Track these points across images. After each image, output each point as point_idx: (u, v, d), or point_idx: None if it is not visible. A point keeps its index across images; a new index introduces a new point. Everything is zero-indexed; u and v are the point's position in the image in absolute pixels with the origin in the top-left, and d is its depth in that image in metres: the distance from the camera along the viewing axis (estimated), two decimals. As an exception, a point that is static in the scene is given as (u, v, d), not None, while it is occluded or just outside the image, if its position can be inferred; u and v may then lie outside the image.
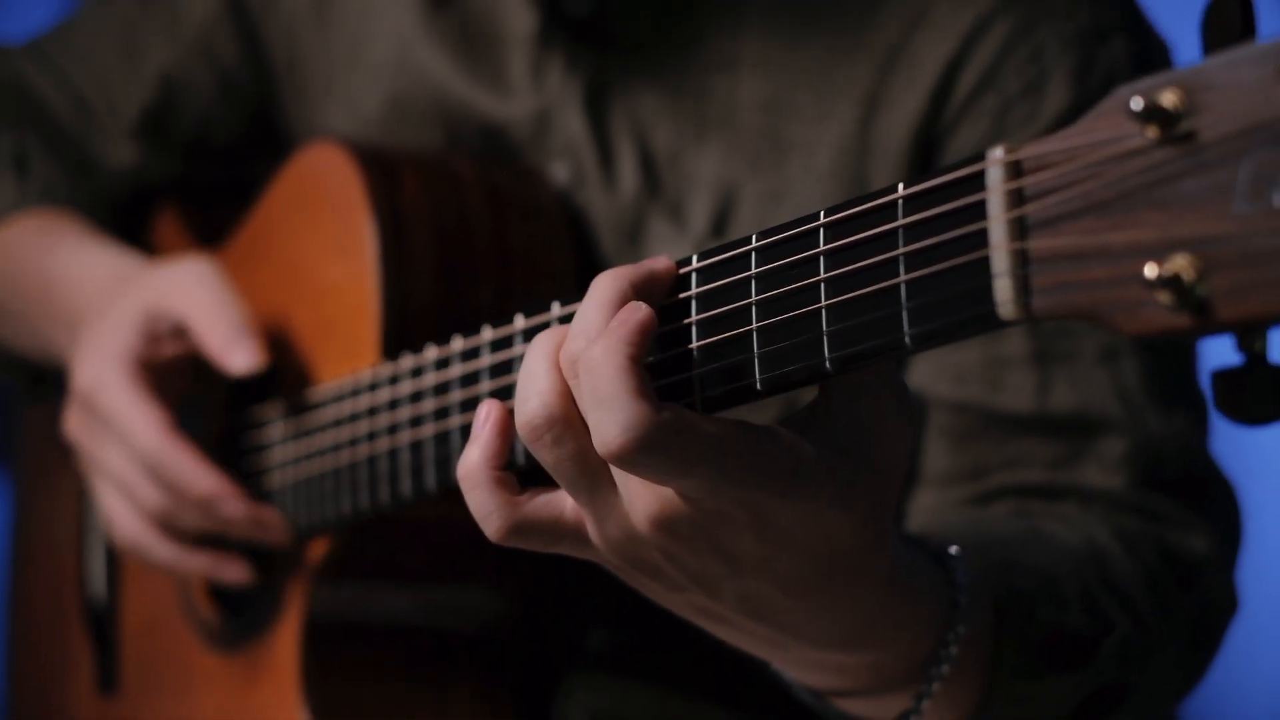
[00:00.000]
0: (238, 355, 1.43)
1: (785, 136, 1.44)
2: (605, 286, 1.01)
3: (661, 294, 1.05)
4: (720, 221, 1.45)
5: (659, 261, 1.05)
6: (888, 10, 1.43)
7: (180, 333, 1.49)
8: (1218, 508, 1.40)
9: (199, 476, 1.43)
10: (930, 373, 1.40)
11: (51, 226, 1.67)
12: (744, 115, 1.45)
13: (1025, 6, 1.40)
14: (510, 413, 1.05)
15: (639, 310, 0.99)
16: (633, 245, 1.48)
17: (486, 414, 1.05)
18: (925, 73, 1.41)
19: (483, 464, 1.04)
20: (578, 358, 0.98)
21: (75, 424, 1.51)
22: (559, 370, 1.01)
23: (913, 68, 1.41)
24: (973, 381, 1.39)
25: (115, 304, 1.51)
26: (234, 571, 1.49)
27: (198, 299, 1.46)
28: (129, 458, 1.46)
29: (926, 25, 1.41)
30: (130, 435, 1.45)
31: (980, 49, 1.40)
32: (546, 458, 1.01)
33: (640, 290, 1.02)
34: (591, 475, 1.01)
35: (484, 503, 1.04)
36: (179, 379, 1.51)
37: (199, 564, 1.49)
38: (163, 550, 1.48)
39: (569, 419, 1.00)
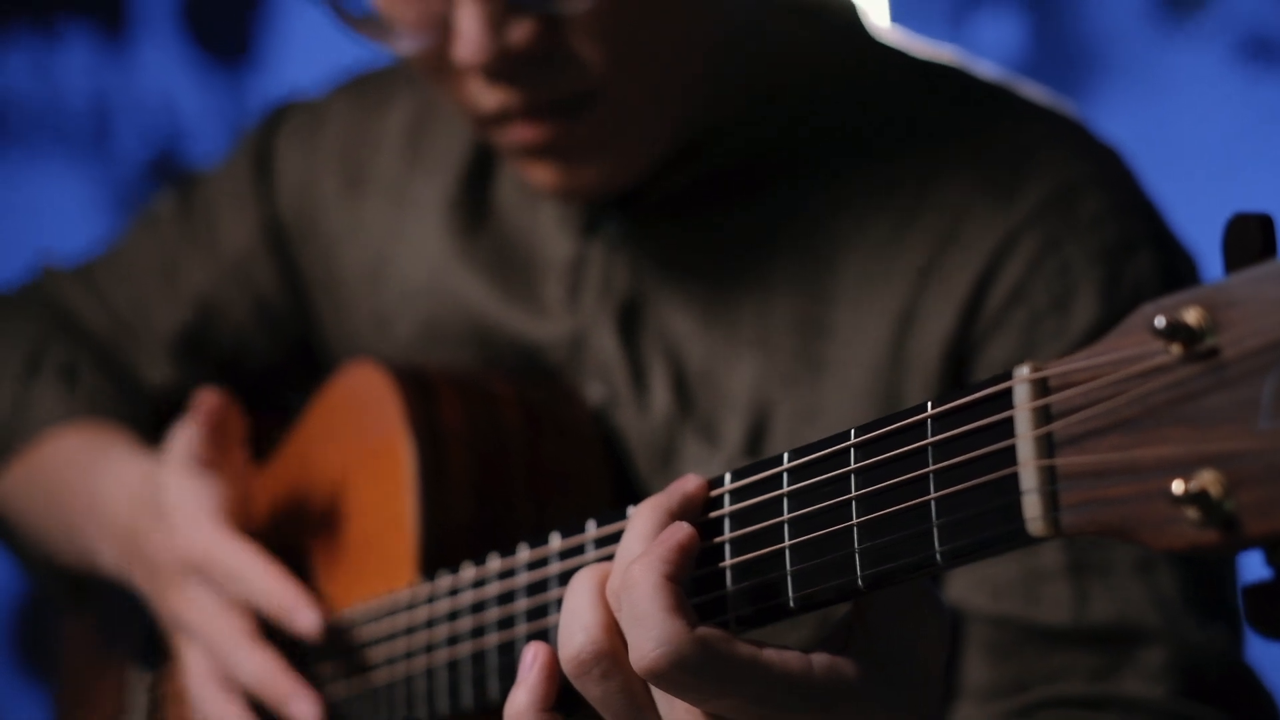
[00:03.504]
0: (303, 620, 1.44)
1: (819, 356, 1.45)
2: (644, 518, 1.03)
3: (695, 514, 1.06)
4: (754, 440, 1.46)
5: (689, 481, 1.07)
6: (919, 230, 1.45)
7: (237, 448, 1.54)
8: (1258, 716, 1.39)
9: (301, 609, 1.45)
10: (968, 586, 1.40)
11: (96, 440, 1.68)
12: (777, 335, 1.46)
13: (1053, 221, 1.42)
14: (555, 654, 1.05)
15: (680, 530, 1.00)
16: (666, 464, 1.49)
17: (533, 656, 1.06)
18: (956, 289, 1.42)
19: (531, 707, 1.05)
20: (620, 585, 0.99)
21: (174, 599, 1.51)
22: (603, 603, 1.02)
23: (944, 285, 1.42)
24: (1010, 595, 1.38)
25: (170, 497, 1.54)
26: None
27: (255, 575, 1.48)
28: (238, 613, 1.47)
29: (956, 243, 1.43)
30: (240, 577, 1.46)
31: (1009, 264, 1.41)
32: (594, 692, 1.02)
33: (677, 515, 1.04)
34: (638, 708, 1.02)
35: None
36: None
37: None
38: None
39: (615, 652, 1.01)
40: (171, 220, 1.80)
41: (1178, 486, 0.79)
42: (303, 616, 1.43)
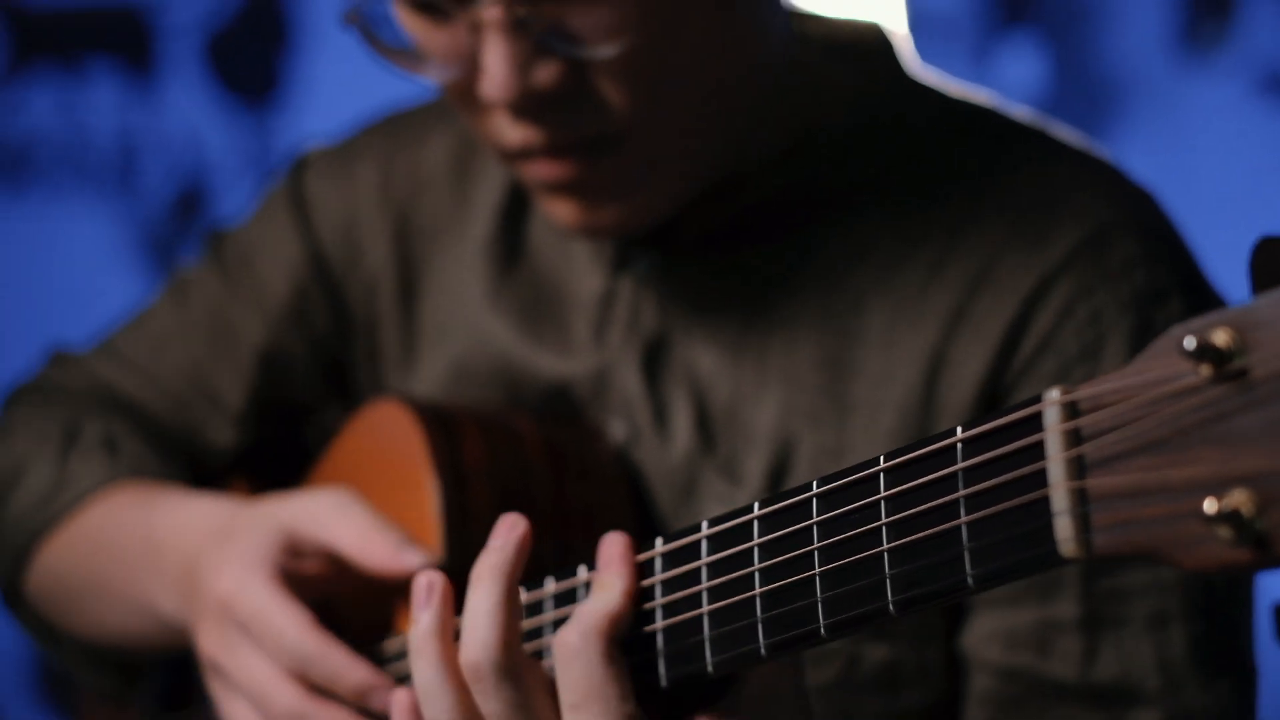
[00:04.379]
0: (409, 556, 1.40)
1: (847, 396, 1.45)
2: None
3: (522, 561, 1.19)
4: (776, 478, 1.46)
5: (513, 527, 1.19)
6: (950, 272, 1.44)
7: (324, 555, 1.45)
8: None
9: (352, 667, 1.38)
10: (982, 638, 1.40)
11: (145, 491, 1.64)
12: (804, 373, 1.46)
13: (1085, 269, 1.41)
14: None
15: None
16: (688, 502, 1.49)
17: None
18: (988, 334, 1.42)
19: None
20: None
21: (211, 640, 1.45)
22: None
23: (976, 329, 1.42)
24: (1024, 648, 1.38)
25: (243, 527, 1.46)
26: None
27: (345, 527, 1.43)
28: (269, 660, 1.41)
29: (989, 287, 1.42)
30: (274, 633, 1.40)
31: (1041, 311, 1.41)
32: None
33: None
34: None
35: None
36: (313, 593, 1.45)
37: None
38: None
39: None
40: (208, 282, 1.75)
41: (1209, 506, 0.80)
42: (409, 555, 1.40)
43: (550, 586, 1.24)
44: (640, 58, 1.37)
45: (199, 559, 1.49)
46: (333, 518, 1.43)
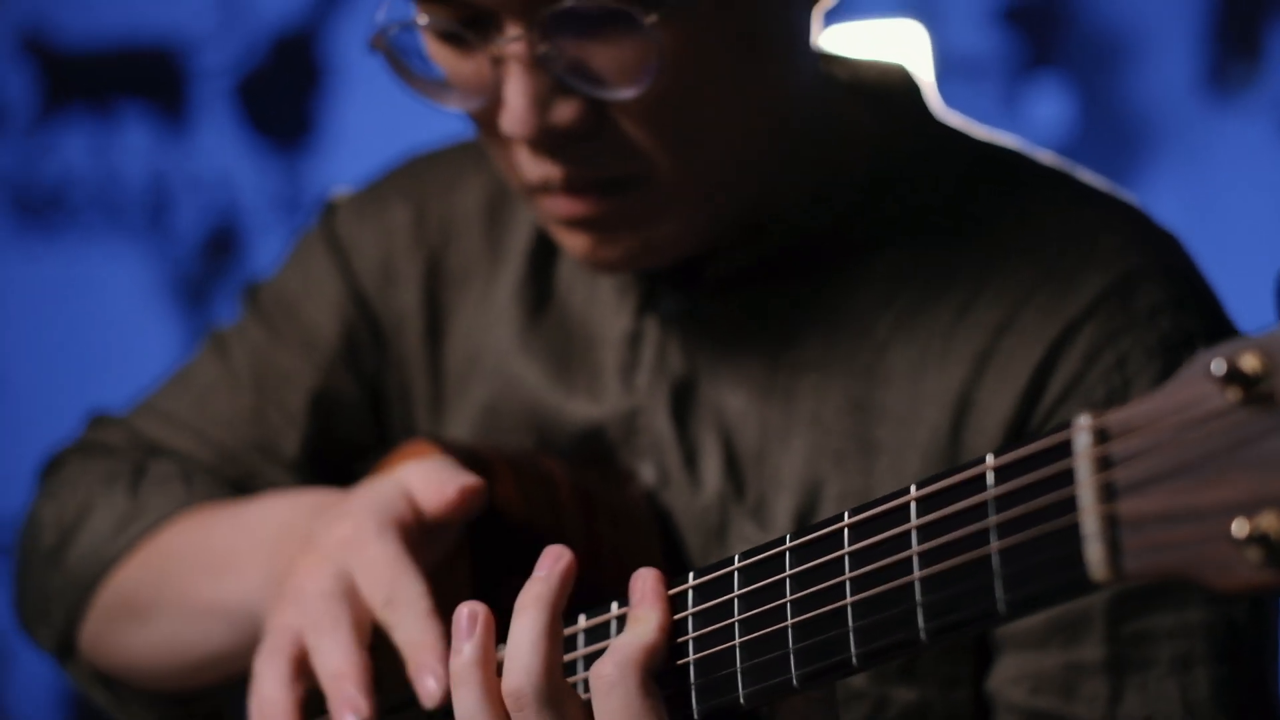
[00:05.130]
0: (454, 483, 1.38)
1: (874, 439, 1.45)
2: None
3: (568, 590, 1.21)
4: (804, 520, 1.45)
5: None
6: (977, 315, 1.44)
7: (435, 527, 1.41)
8: None
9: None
10: (1007, 680, 1.40)
11: (226, 503, 1.61)
12: (831, 415, 1.46)
13: (1111, 314, 1.41)
14: None
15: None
16: (717, 545, 1.49)
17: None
18: (1015, 379, 1.41)
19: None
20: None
21: (310, 571, 1.39)
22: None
23: (1002, 373, 1.42)
24: (1049, 691, 1.38)
25: (361, 490, 1.43)
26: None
27: (418, 474, 1.41)
28: (356, 626, 1.36)
29: (1015, 331, 1.42)
30: (399, 587, 1.34)
31: (1067, 356, 1.41)
32: None
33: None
34: None
35: None
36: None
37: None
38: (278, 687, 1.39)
39: None
40: (250, 333, 1.72)
41: (1239, 529, 0.80)
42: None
43: (582, 622, 1.25)
44: (663, 101, 1.36)
45: (299, 528, 1.45)
46: (417, 469, 1.42)
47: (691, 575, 1.18)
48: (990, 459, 0.97)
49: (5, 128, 4.18)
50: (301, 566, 1.39)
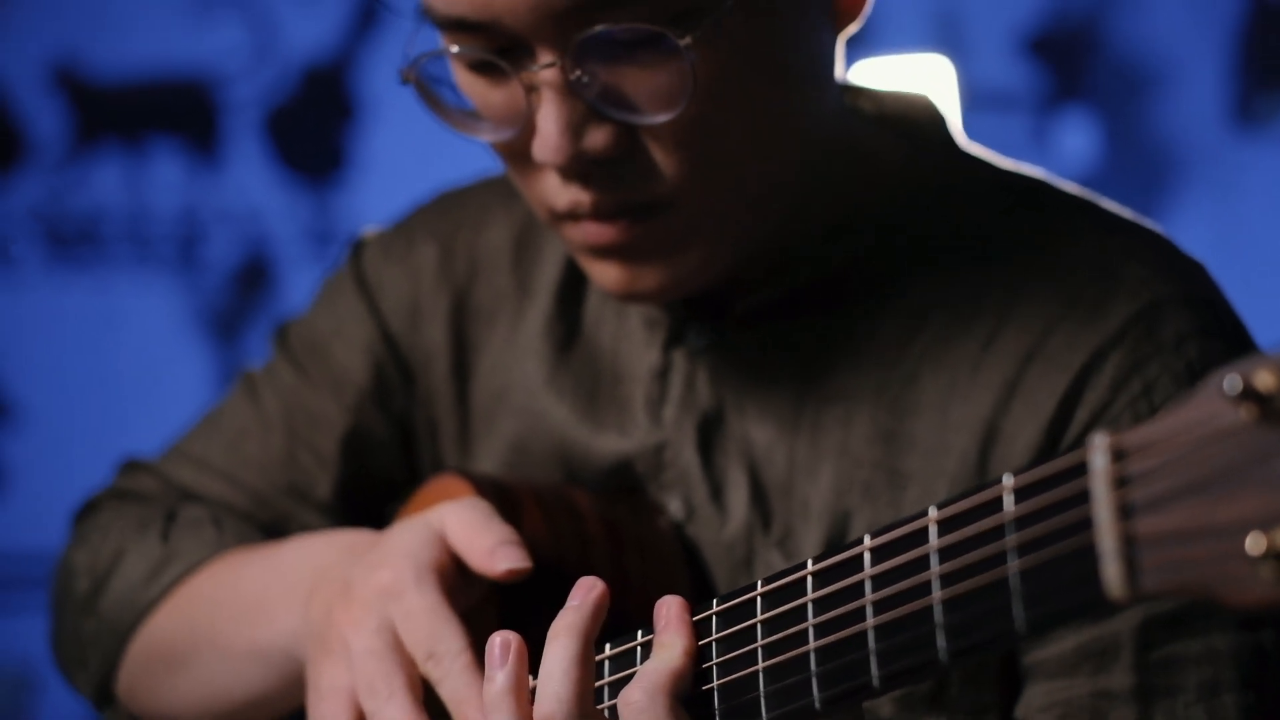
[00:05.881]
0: (501, 556, 1.38)
1: (902, 469, 1.44)
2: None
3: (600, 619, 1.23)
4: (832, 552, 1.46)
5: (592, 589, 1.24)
6: (1003, 345, 1.44)
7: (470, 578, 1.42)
8: None
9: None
10: (1038, 707, 1.39)
11: (259, 546, 1.61)
12: (859, 446, 1.46)
13: (1138, 342, 1.41)
14: None
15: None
16: (744, 577, 1.48)
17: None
18: (1041, 407, 1.41)
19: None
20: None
21: (347, 615, 1.40)
22: None
23: (1029, 402, 1.42)
24: (1078, 719, 1.38)
25: (395, 532, 1.43)
26: None
27: (458, 521, 1.41)
28: (403, 669, 1.36)
29: (1042, 360, 1.42)
30: (440, 640, 1.35)
31: (1094, 385, 1.41)
32: None
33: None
34: None
35: None
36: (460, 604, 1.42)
37: None
38: None
39: None
40: (280, 375, 1.73)
41: (1254, 545, 0.81)
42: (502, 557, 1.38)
43: (607, 650, 1.26)
44: (694, 126, 1.37)
45: (335, 571, 1.45)
46: (451, 514, 1.42)
47: (715, 601, 1.19)
48: (1009, 480, 0.98)
49: (37, 161, 4.21)
50: (342, 616, 1.40)
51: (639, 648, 1.24)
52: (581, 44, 1.32)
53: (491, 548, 1.39)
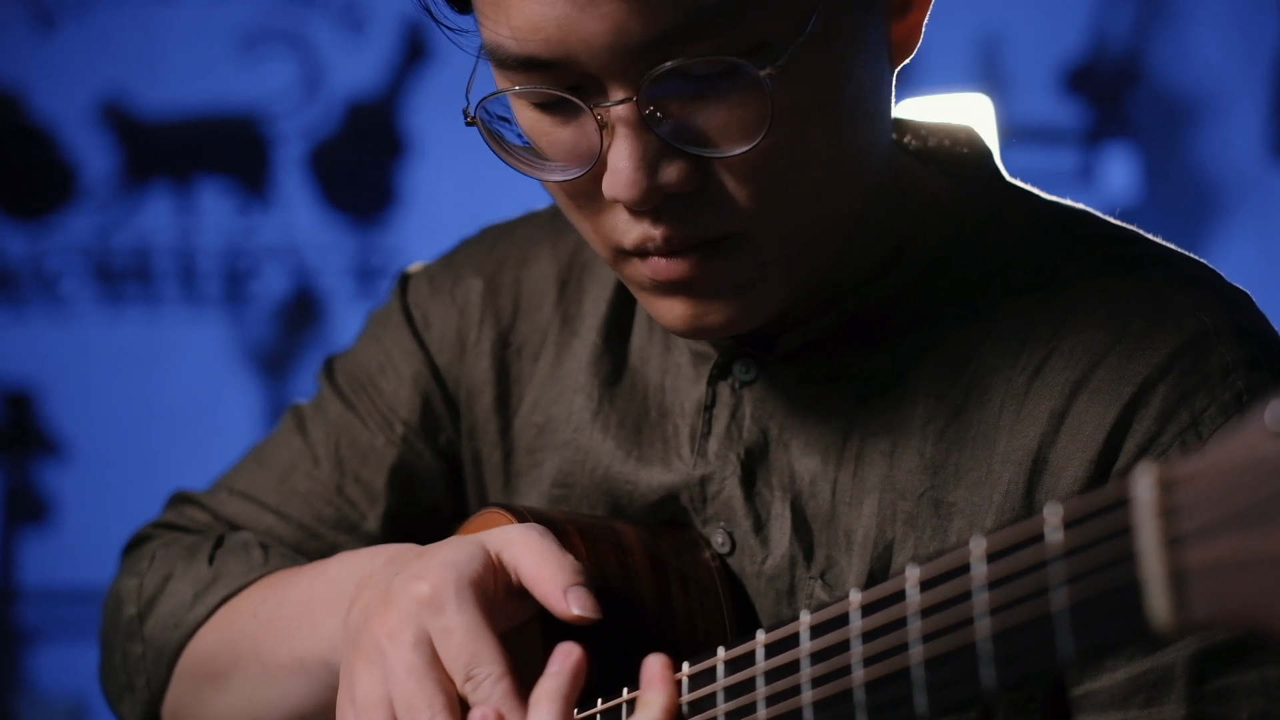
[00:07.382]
0: (572, 600, 1.38)
1: (948, 500, 1.44)
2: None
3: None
4: (875, 583, 1.46)
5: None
6: (1050, 377, 1.44)
7: (518, 591, 1.42)
8: None
9: None
10: None
11: (305, 565, 1.62)
12: (904, 478, 1.46)
13: (1185, 373, 1.41)
14: None
15: None
16: (788, 608, 1.49)
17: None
18: (1090, 439, 1.41)
19: None
20: None
21: (385, 622, 1.40)
22: None
23: (1076, 433, 1.42)
24: None
25: (442, 546, 1.44)
26: None
27: (527, 550, 1.41)
28: (440, 683, 1.37)
29: (1089, 391, 1.42)
30: (480, 662, 1.36)
31: (1142, 416, 1.40)
32: None
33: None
34: None
35: None
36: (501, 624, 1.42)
37: None
38: None
39: None
40: (329, 409, 1.74)
41: (1301, 576, 0.81)
42: (574, 600, 1.39)
43: (599, 705, 1.31)
44: (768, 159, 1.35)
45: (377, 578, 1.45)
46: (519, 539, 1.43)
47: (721, 650, 1.25)
48: (1056, 511, 0.98)
49: (86, 198, 4.24)
50: (378, 623, 1.40)
51: (625, 705, 1.29)
52: (656, 79, 1.31)
53: (565, 586, 1.38)
